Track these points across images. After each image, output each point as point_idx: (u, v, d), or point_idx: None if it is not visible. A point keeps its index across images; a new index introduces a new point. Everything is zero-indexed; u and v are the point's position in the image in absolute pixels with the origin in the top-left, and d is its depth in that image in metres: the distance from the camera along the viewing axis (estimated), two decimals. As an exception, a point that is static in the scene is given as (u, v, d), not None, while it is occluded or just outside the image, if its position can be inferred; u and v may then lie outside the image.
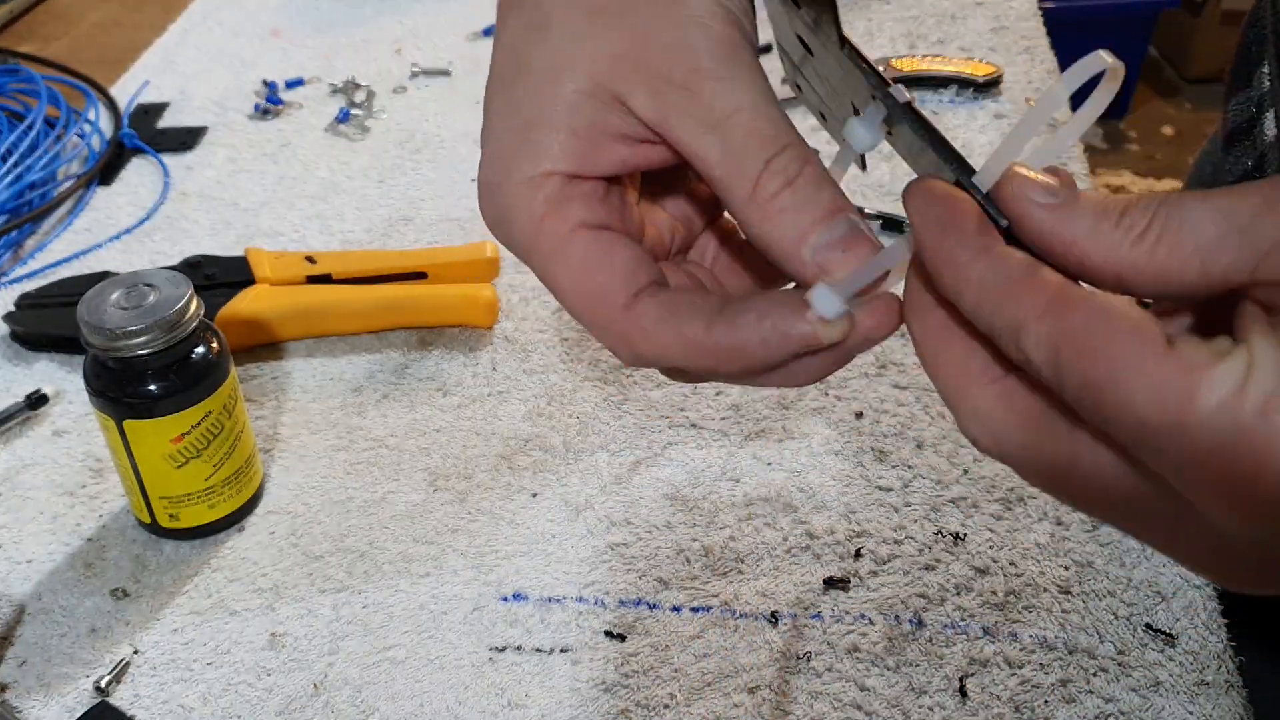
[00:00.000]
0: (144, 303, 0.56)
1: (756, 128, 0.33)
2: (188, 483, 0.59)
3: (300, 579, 0.59)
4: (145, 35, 1.11)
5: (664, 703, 0.53)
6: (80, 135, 0.95)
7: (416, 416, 0.69)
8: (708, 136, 0.33)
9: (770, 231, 0.33)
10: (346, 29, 1.11)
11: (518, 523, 0.62)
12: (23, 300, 0.76)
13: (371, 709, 0.53)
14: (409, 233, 0.84)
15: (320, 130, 0.96)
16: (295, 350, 0.74)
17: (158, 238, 0.84)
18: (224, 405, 0.59)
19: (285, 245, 0.83)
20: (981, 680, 0.53)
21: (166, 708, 0.54)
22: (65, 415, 0.69)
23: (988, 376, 0.30)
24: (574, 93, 0.35)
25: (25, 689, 0.55)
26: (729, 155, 0.33)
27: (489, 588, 0.58)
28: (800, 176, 0.33)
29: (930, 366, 0.31)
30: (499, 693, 0.54)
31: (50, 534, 0.62)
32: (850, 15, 1.07)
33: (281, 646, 0.56)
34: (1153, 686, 0.52)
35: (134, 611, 0.58)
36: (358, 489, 0.64)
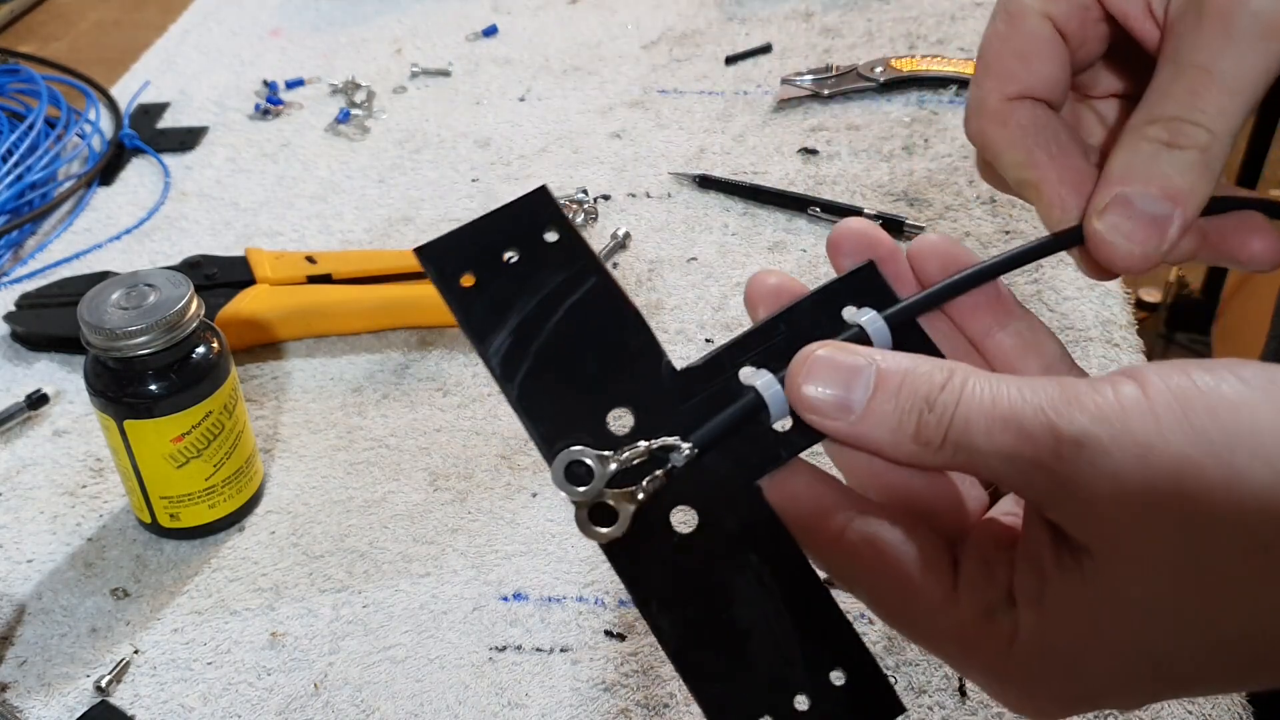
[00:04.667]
0: (144, 303, 0.56)
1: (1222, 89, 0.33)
2: (188, 483, 0.59)
3: (300, 579, 0.59)
4: (145, 35, 1.11)
5: (664, 702, 0.53)
6: (80, 135, 0.95)
7: (417, 416, 0.69)
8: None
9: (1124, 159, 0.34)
10: (346, 29, 1.11)
11: (518, 522, 0.62)
12: (23, 300, 0.76)
13: (371, 709, 0.53)
14: (409, 232, 0.84)
15: (320, 130, 0.96)
16: (295, 350, 0.74)
17: (158, 238, 0.84)
18: (224, 405, 0.59)
19: (285, 245, 0.83)
20: (980, 680, 0.53)
21: (167, 707, 0.54)
22: (66, 415, 0.70)
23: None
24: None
25: (26, 689, 0.55)
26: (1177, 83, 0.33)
27: (489, 587, 0.58)
28: (1188, 150, 0.33)
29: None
30: (499, 692, 0.54)
31: (51, 534, 0.62)
32: (850, 16, 1.07)
33: (282, 646, 0.56)
34: (1151, 686, 0.52)
35: (134, 611, 0.58)
36: (358, 489, 0.64)
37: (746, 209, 0.84)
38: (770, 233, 0.82)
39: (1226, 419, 0.26)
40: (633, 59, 1.03)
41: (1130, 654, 0.28)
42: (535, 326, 0.32)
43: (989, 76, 0.36)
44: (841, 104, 0.95)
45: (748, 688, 0.30)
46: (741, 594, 0.30)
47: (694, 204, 0.85)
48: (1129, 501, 0.27)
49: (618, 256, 0.80)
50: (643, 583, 0.30)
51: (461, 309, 0.32)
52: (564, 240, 0.33)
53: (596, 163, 0.90)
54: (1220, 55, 0.32)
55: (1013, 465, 0.28)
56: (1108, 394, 0.27)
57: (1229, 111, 0.33)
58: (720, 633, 0.30)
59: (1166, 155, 0.33)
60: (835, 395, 0.30)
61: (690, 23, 1.08)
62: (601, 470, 0.30)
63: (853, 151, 0.89)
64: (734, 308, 0.75)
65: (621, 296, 0.33)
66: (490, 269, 0.32)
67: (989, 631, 0.30)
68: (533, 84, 1.00)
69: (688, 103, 0.97)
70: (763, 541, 0.31)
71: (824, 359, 0.30)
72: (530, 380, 0.31)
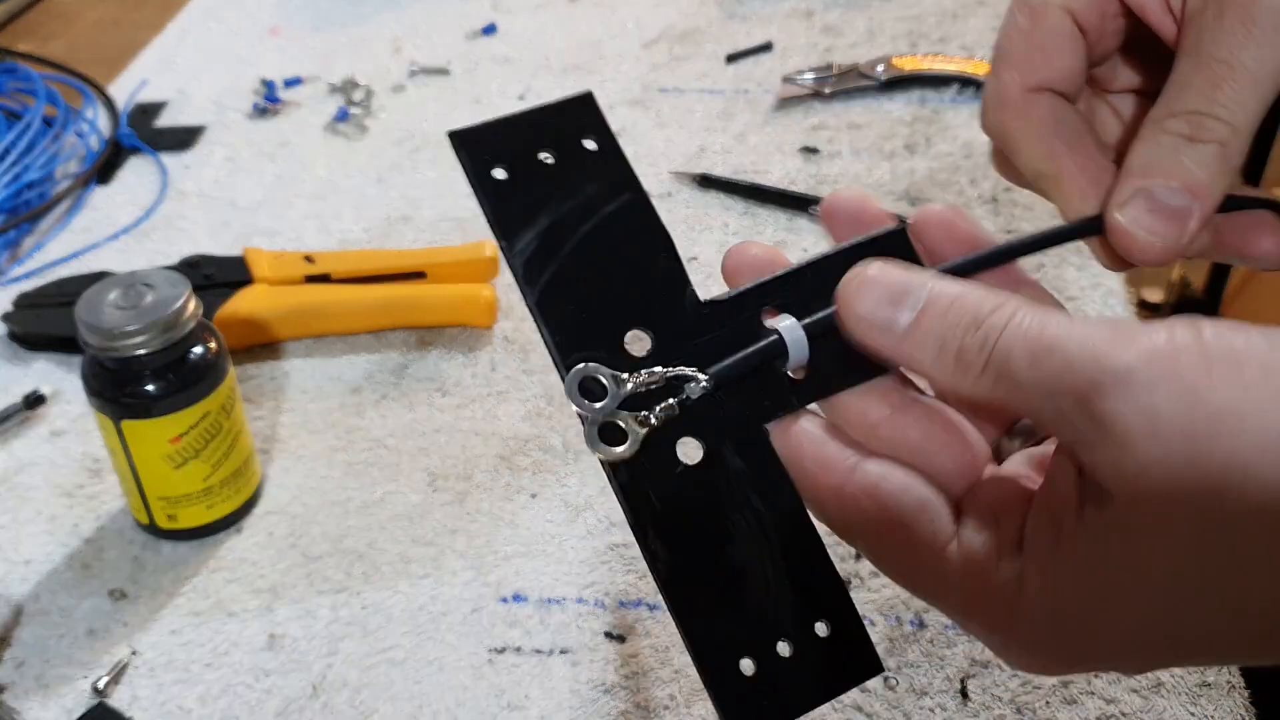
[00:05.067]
0: (142, 302, 0.56)
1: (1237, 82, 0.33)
2: (186, 483, 0.59)
3: (299, 580, 0.59)
4: (143, 34, 1.11)
5: (664, 704, 0.53)
6: (78, 134, 0.94)
7: (415, 417, 0.68)
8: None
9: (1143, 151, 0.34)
10: (345, 27, 1.11)
11: (517, 524, 0.62)
12: (20, 300, 0.75)
13: (370, 710, 0.53)
14: (408, 232, 0.83)
15: (319, 129, 0.96)
16: (294, 350, 0.74)
17: (156, 237, 0.84)
18: (222, 405, 0.58)
19: (283, 245, 0.82)
20: (983, 681, 0.53)
21: (165, 709, 0.54)
22: (63, 415, 0.69)
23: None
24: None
25: (23, 690, 0.54)
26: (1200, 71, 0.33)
27: (488, 589, 0.58)
28: (1206, 143, 0.33)
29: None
30: (498, 694, 0.54)
31: (48, 535, 0.62)
32: (851, 14, 1.07)
33: (280, 648, 0.56)
34: (1154, 688, 0.52)
35: (132, 612, 0.58)
36: (356, 490, 0.64)
37: (747, 208, 0.84)
38: (771, 232, 0.81)
39: (1278, 382, 0.26)
40: (633, 57, 1.03)
41: (1144, 617, 0.28)
42: (564, 233, 0.31)
43: (1009, 68, 0.36)
44: (843, 103, 0.94)
45: (733, 626, 0.30)
46: (738, 533, 0.30)
47: (694, 203, 0.85)
48: (1166, 444, 0.26)
49: (618, 256, 0.80)
50: (642, 507, 0.30)
51: (491, 202, 0.31)
52: (604, 150, 0.32)
53: (596, 162, 0.89)
54: (1241, 48, 0.32)
55: (1051, 398, 0.28)
56: (1160, 335, 0.27)
57: (1248, 105, 0.32)
58: (713, 568, 0.30)
59: (1187, 149, 0.33)
60: (885, 311, 0.30)
61: (691, 21, 1.08)
62: (616, 390, 0.30)
63: (854, 150, 0.88)
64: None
65: (655, 217, 0.32)
66: (525, 166, 0.31)
67: (991, 583, 0.29)
68: (532, 82, 1.00)
69: (688, 101, 0.96)
70: (765, 485, 0.31)
71: (877, 274, 0.30)
72: (552, 287, 0.30)
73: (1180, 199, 0.33)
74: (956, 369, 0.29)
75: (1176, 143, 0.33)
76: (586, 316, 0.31)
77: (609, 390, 0.30)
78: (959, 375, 0.29)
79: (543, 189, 0.31)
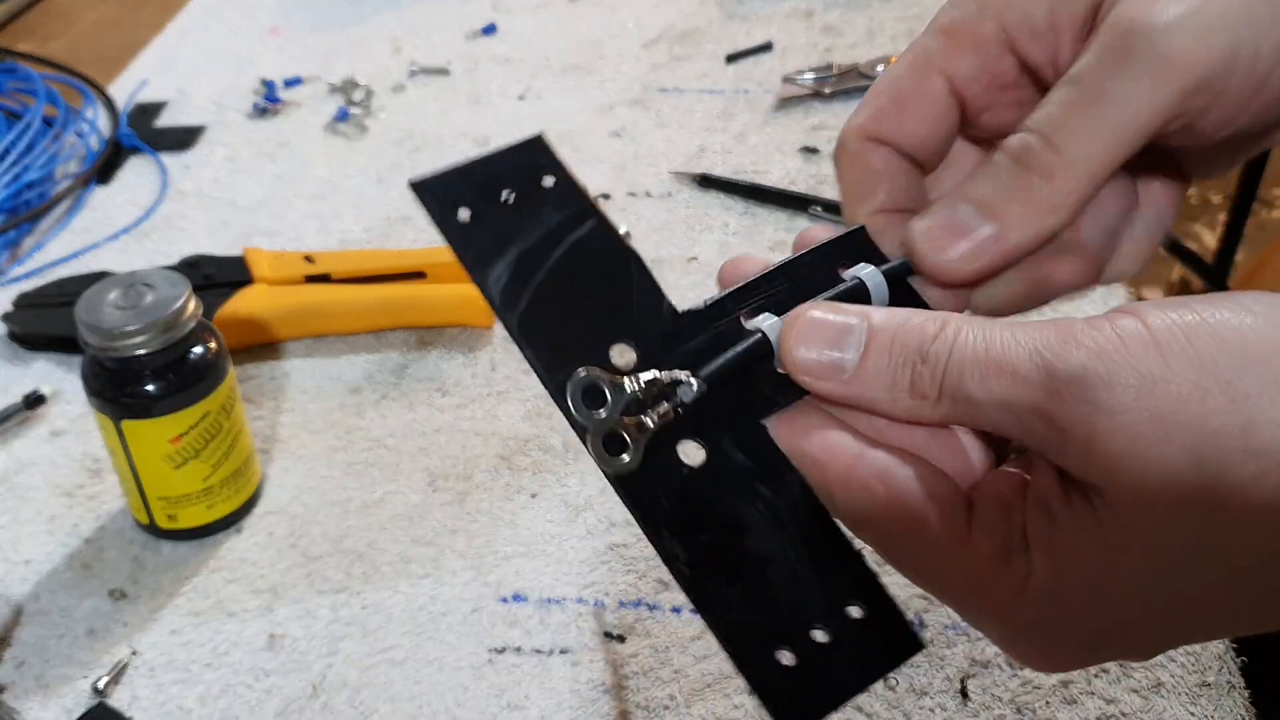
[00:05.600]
0: (142, 302, 0.56)
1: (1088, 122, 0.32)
2: (186, 483, 0.59)
3: (299, 580, 0.59)
4: (143, 34, 1.11)
5: (664, 704, 0.53)
6: (78, 134, 0.94)
7: (415, 417, 0.68)
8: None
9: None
10: (345, 27, 1.11)
11: (517, 524, 0.62)
12: (20, 300, 0.75)
13: (370, 710, 0.53)
14: (408, 232, 0.83)
15: (319, 129, 0.96)
16: (294, 350, 0.74)
17: (156, 237, 0.84)
18: (222, 405, 0.58)
19: (283, 245, 0.82)
20: (983, 681, 0.53)
21: (165, 709, 0.54)
22: (63, 415, 0.69)
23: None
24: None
25: (23, 690, 0.54)
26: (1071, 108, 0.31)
27: (488, 589, 0.58)
28: (1054, 175, 0.32)
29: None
30: (498, 694, 0.54)
31: (48, 535, 0.62)
32: (851, 14, 1.07)
33: (280, 648, 0.56)
34: (1154, 688, 0.52)
35: (132, 613, 0.58)
36: (356, 490, 0.64)
37: (747, 208, 0.84)
38: (771, 232, 0.81)
39: (1233, 346, 0.26)
40: (633, 57, 1.03)
41: (1145, 593, 0.27)
42: (536, 260, 0.31)
43: (864, 111, 0.35)
44: (843, 102, 0.94)
45: (765, 618, 0.29)
46: (754, 525, 0.30)
47: (694, 203, 0.85)
48: (1135, 435, 0.26)
49: (618, 256, 0.80)
50: (653, 512, 0.30)
51: (458, 240, 0.31)
52: (561, 184, 0.33)
53: (596, 161, 0.89)
54: (1108, 76, 0.31)
55: (1010, 412, 0.28)
56: (1106, 330, 0.27)
57: (1099, 138, 0.31)
58: (735, 561, 0.30)
59: (1009, 172, 0.32)
60: (828, 356, 0.30)
61: (691, 21, 1.08)
62: (616, 396, 0.30)
63: (853, 150, 0.88)
64: (734, 307, 0.75)
65: (622, 240, 0.33)
66: (488, 205, 0.32)
67: (1002, 576, 0.29)
68: (532, 82, 1.00)
69: (688, 101, 0.96)
70: (772, 478, 0.31)
71: (814, 320, 0.30)
72: (532, 311, 0.31)
73: (973, 219, 0.32)
74: (912, 401, 0.29)
75: (1002, 163, 0.32)
76: (568, 335, 0.31)
77: (609, 398, 0.30)
78: (916, 407, 0.29)
79: (508, 224, 0.32)
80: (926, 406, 0.29)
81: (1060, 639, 0.29)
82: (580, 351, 0.31)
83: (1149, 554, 0.27)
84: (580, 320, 0.31)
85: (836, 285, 0.33)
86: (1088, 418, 0.26)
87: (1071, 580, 0.28)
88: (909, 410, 0.29)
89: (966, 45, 0.34)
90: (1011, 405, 0.28)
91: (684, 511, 0.30)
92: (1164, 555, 0.27)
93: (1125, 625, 0.28)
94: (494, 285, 0.31)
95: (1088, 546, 0.28)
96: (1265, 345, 0.26)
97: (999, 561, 0.29)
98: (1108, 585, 0.28)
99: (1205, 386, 0.26)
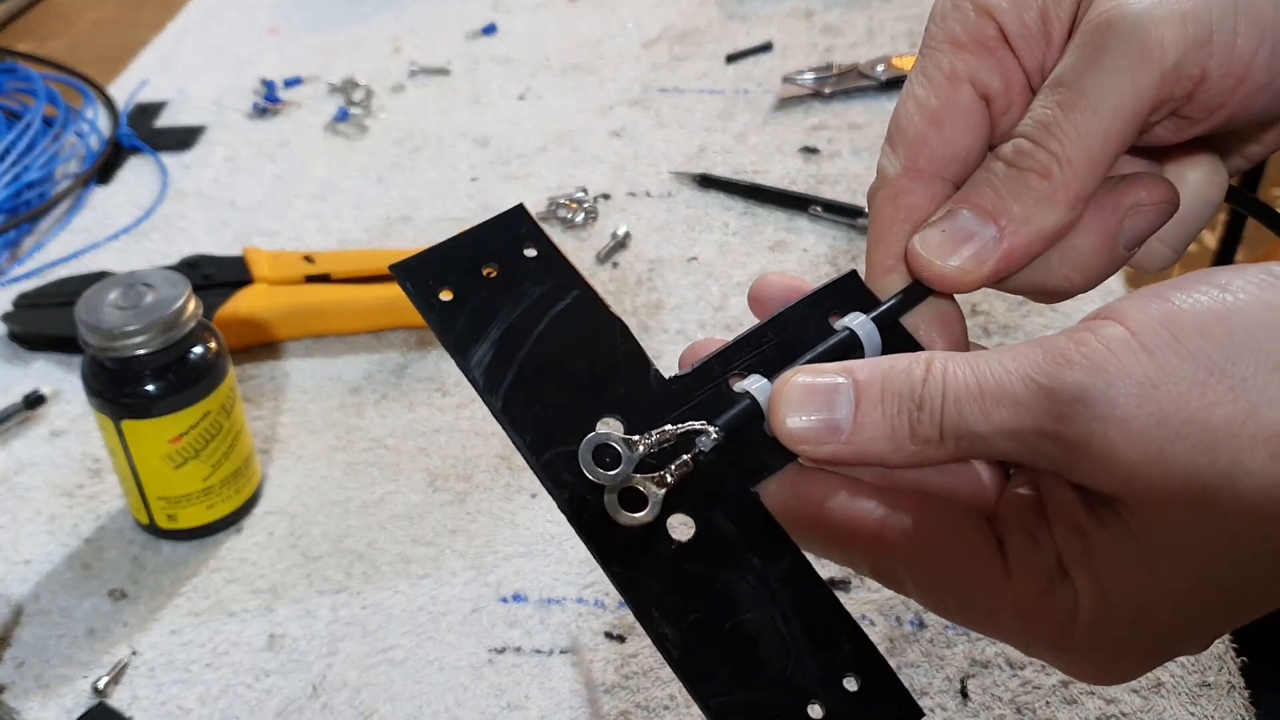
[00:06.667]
0: (141, 302, 0.56)
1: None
2: (186, 483, 0.59)
3: (299, 580, 0.59)
4: (143, 34, 1.11)
5: (664, 704, 0.53)
6: (78, 134, 0.94)
7: (415, 417, 0.68)
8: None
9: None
10: (345, 27, 1.11)
11: (517, 524, 0.62)
12: (20, 300, 0.75)
13: (370, 710, 0.53)
14: (408, 232, 0.83)
15: (319, 129, 0.96)
16: (293, 350, 0.74)
17: (155, 237, 0.84)
18: (222, 405, 0.58)
19: (283, 245, 0.82)
20: (983, 681, 0.53)
21: (165, 709, 0.54)
22: (63, 415, 0.69)
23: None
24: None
25: (23, 690, 0.54)
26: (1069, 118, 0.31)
27: (488, 589, 0.58)
28: (1046, 182, 0.31)
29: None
30: (498, 694, 0.54)
31: (48, 535, 0.62)
32: (852, 14, 1.07)
33: (280, 648, 0.56)
34: (1154, 688, 0.52)
35: (132, 613, 0.58)
36: (356, 490, 0.64)
37: (747, 208, 0.84)
38: (771, 232, 0.81)
39: (1219, 332, 0.26)
40: (633, 57, 1.03)
41: (1192, 586, 0.27)
42: (518, 338, 0.31)
43: (896, 144, 0.34)
44: (843, 102, 0.94)
45: (759, 696, 0.29)
46: (746, 600, 0.30)
47: (694, 203, 0.85)
48: (1146, 440, 0.26)
49: (618, 256, 0.80)
50: (642, 591, 0.29)
51: (440, 323, 0.31)
52: (544, 255, 0.33)
53: (596, 162, 0.89)
54: (1085, 72, 0.31)
55: (1019, 440, 0.28)
56: (1092, 342, 0.27)
57: (1087, 133, 0.31)
58: (726, 639, 0.29)
59: (1005, 175, 0.32)
60: (820, 419, 0.29)
61: (691, 21, 1.08)
62: (629, 454, 0.29)
63: (854, 150, 0.88)
64: (735, 307, 0.75)
65: (605, 308, 0.33)
66: (469, 283, 0.32)
67: (1050, 608, 0.29)
68: (532, 82, 1.00)
69: (688, 101, 0.96)
70: (763, 547, 0.31)
71: (798, 386, 0.30)
72: (515, 391, 0.31)
73: (976, 224, 0.32)
74: (915, 447, 0.29)
75: (997, 167, 0.32)
76: (554, 413, 0.31)
77: (623, 456, 0.29)
78: (920, 451, 0.29)
79: (490, 302, 0.32)
80: (930, 448, 0.29)
81: (1120, 652, 0.29)
82: (565, 430, 0.30)
83: (1185, 553, 0.27)
84: (565, 396, 0.31)
85: (826, 337, 0.33)
86: (1097, 432, 0.26)
87: (1119, 596, 0.28)
88: (913, 455, 0.29)
89: (978, 51, 0.33)
90: (1018, 432, 0.28)
91: (674, 588, 0.29)
92: (1200, 551, 0.27)
93: (1178, 626, 0.28)
94: (476, 368, 0.31)
95: (1127, 559, 0.28)
96: (1251, 325, 0.26)
97: (1044, 595, 0.29)
98: (1155, 592, 0.28)
99: (1202, 380, 0.26)
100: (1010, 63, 0.33)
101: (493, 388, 0.31)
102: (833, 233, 0.81)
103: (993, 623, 0.30)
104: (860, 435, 0.29)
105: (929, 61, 0.34)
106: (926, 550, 0.30)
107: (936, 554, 0.30)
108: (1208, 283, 0.27)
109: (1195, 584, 0.27)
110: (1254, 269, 0.27)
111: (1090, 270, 0.33)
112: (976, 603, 0.30)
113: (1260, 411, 0.26)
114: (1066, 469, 0.28)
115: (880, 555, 0.30)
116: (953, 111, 0.33)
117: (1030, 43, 0.33)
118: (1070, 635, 0.29)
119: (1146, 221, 0.33)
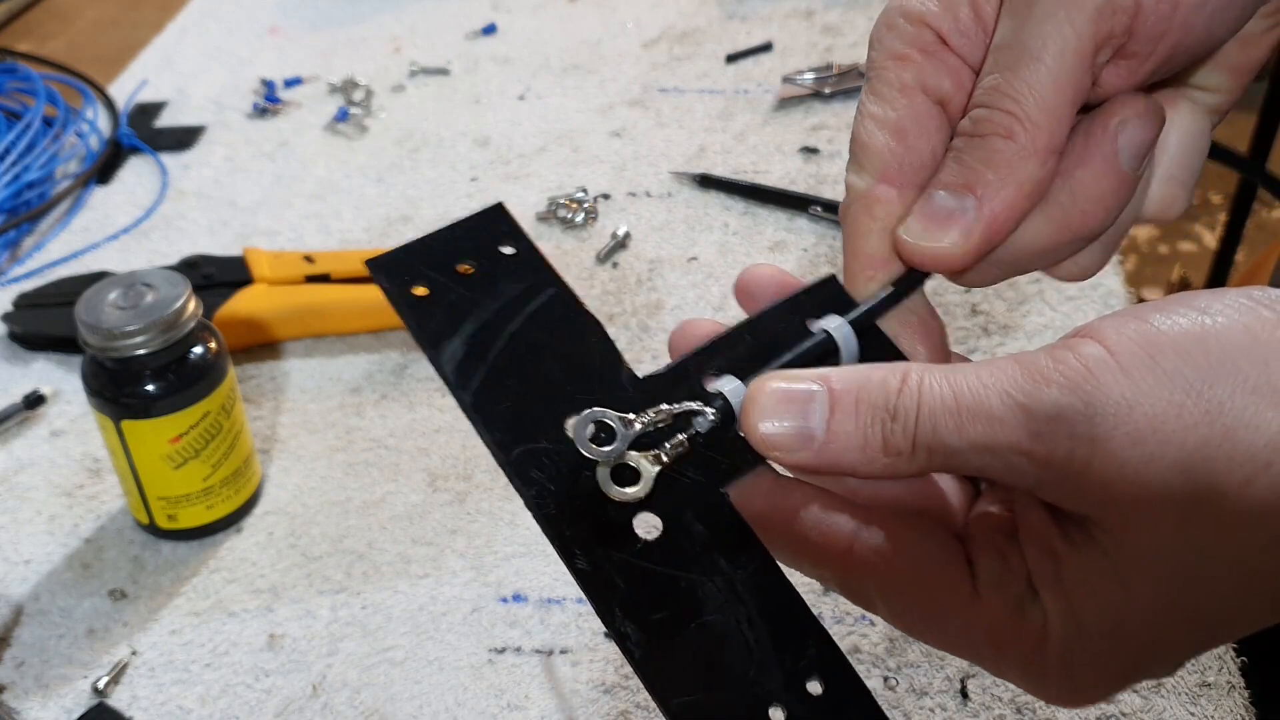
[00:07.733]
0: (141, 302, 0.56)
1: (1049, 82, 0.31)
2: (186, 483, 0.59)
3: (299, 580, 0.59)
4: (143, 34, 1.11)
5: (664, 704, 0.53)
6: (78, 134, 0.94)
7: (415, 417, 0.68)
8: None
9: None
10: (345, 27, 1.11)
11: (517, 523, 0.62)
12: (20, 300, 0.75)
13: (370, 710, 0.53)
14: (408, 232, 0.83)
15: (319, 129, 0.96)
16: (293, 350, 0.74)
17: (155, 237, 0.84)
18: (222, 405, 0.58)
19: (283, 245, 0.82)
20: (983, 681, 0.53)
21: (165, 709, 0.54)
22: (63, 415, 0.69)
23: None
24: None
25: (23, 690, 0.54)
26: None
27: (488, 589, 0.58)
28: (1007, 145, 0.32)
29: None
30: (498, 694, 0.54)
31: (48, 535, 0.62)
32: (852, 14, 1.07)
33: (280, 648, 0.56)
34: (1154, 688, 0.52)
35: (132, 613, 0.58)
36: (356, 490, 0.64)
37: (747, 208, 0.84)
38: (771, 232, 0.81)
39: (1197, 355, 0.26)
40: (633, 57, 1.03)
41: (1164, 608, 0.27)
42: (492, 335, 0.31)
43: (863, 160, 0.34)
44: (843, 102, 0.94)
45: (721, 698, 0.28)
46: (711, 601, 0.29)
47: (694, 203, 0.85)
48: (1122, 460, 0.26)
49: (618, 256, 0.80)
50: (605, 589, 0.29)
51: (413, 317, 0.31)
52: (521, 253, 0.33)
53: (596, 162, 0.89)
54: (1021, 28, 0.31)
55: (993, 456, 0.27)
56: (1071, 360, 0.27)
57: (1038, 87, 0.31)
58: (690, 640, 0.29)
59: (969, 146, 0.32)
60: (793, 426, 0.29)
61: (691, 21, 1.08)
62: (624, 431, 0.29)
63: (853, 150, 0.88)
64: (735, 307, 0.74)
65: (580, 306, 0.33)
66: (444, 280, 0.32)
67: (1019, 628, 0.29)
68: (532, 82, 1.00)
69: (688, 101, 0.96)
70: (731, 549, 0.30)
71: (773, 391, 0.29)
72: (486, 388, 0.31)
73: (954, 201, 0.32)
74: (887, 459, 0.29)
75: (959, 143, 0.32)
76: (525, 410, 0.30)
77: (617, 433, 0.29)
78: (891, 463, 0.29)
79: (465, 299, 0.32)
80: (902, 461, 0.29)
81: (1089, 675, 0.29)
82: (533, 428, 0.30)
83: (1159, 575, 0.27)
84: (536, 393, 0.31)
85: (803, 340, 0.33)
86: (1073, 451, 0.26)
87: (1089, 617, 0.28)
88: (884, 467, 0.29)
89: (922, 58, 0.34)
90: (992, 449, 0.27)
91: (637, 589, 0.29)
92: (1174, 574, 0.27)
93: (1150, 648, 0.28)
94: (447, 364, 0.31)
95: (1099, 580, 0.28)
96: (1229, 348, 0.26)
97: (1014, 616, 0.29)
98: (1127, 614, 0.27)
99: (1179, 402, 0.26)
100: (954, 63, 0.34)
101: (464, 383, 0.31)
102: (833, 233, 0.81)
103: (963, 644, 0.30)
104: (832, 445, 0.29)
105: (878, 80, 0.34)
106: (896, 570, 0.30)
107: (906, 574, 0.30)
108: (1187, 305, 0.27)
109: (1167, 606, 0.27)
110: (1234, 293, 0.27)
111: (1102, 199, 0.33)
112: (946, 624, 0.30)
113: (1237, 435, 0.25)
114: (1040, 487, 0.28)
115: (850, 573, 0.30)
116: (913, 120, 0.33)
117: (969, 38, 0.33)
118: (1041, 657, 0.29)
119: (1139, 132, 0.33)
